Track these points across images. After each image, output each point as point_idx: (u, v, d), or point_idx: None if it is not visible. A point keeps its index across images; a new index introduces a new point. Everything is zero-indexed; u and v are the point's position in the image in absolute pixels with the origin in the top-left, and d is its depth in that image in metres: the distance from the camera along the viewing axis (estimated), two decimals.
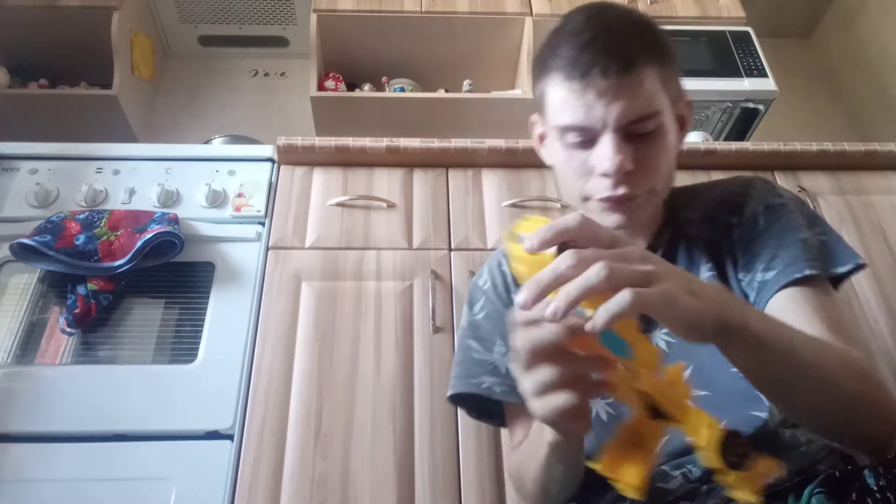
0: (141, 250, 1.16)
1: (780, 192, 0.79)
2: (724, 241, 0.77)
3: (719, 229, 0.78)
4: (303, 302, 1.20)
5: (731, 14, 2.01)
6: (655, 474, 0.71)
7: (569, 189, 0.75)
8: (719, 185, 0.84)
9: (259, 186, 1.33)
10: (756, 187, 0.80)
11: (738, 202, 0.79)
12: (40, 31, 1.99)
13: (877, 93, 2.25)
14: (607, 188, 0.70)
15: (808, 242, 0.73)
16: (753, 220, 0.76)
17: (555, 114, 0.72)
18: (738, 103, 1.80)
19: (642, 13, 0.74)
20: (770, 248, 0.73)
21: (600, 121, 0.68)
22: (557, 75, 0.70)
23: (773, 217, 0.76)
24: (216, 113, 2.25)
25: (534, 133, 0.82)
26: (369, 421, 1.09)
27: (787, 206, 0.77)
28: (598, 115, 0.68)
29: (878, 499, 0.49)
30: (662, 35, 0.73)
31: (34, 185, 1.28)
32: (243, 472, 1.03)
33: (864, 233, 1.34)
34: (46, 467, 1.02)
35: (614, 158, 0.67)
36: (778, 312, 0.70)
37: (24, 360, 1.13)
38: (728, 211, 0.79)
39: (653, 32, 0.72)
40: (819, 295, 0.70)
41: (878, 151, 1.43)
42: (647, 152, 0.70)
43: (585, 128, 0.69)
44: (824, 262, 0.72)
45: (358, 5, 1.96)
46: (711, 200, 0.81)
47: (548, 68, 0.72)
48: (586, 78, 0.67)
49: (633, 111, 0.67)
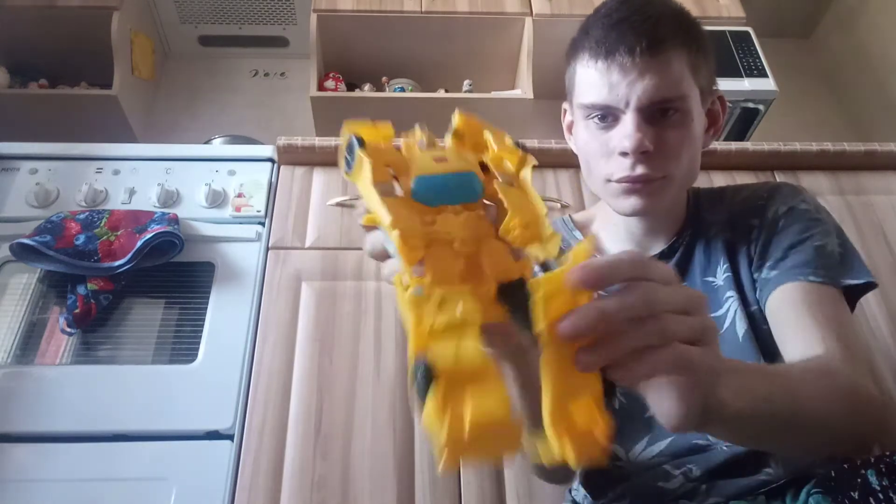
0: (141, 250, 1.16)
1: (805, 199, 0.78)
2: (743, 243, 0.77)
3: (740, 231, 0.77)
4: (303, 302, 1.20)
5: (731, 14, 2.01)
6: (656, 474, 0.71)
7: (591, 171, 0.75)
8: (746, 189, 0.83)
9: (259, 186, 1.33)
10: (782, 192, 0.79)
11: (761, 206, 0.78)
12: (40, 31, 1.99)
13: (877, 93, 2.25)
14: (625, 168, 0.69)
15: (823, 250, 0.72)
16: (774, 222, 0.75)
17: (580, 93, 0.72)
18: (738, 103, 1.80)
19: (677, 2, 0.73)
20: (783, 248, 0.73)
21: (623, 99, 0.68)
22: (585, 54, 0.70)
23: (792, 220, 0.75)
24: (216, 113, 2.25)
25: (564, 122, 0.83)
26: (369, 421, 1.09)
27: (811, 212, 0.76)
28: (622, 93, 0.68)
29: (882, 499, 0.49)
30: (697, 24, 0.73)
31: (34, 185, 1.28)
32: (243, 472, 1.03)
33: (864, 233, 1.34)
34: (46, 467, 1.02)
35: (633, 136, 0.67)
36: (773, 310, 0.70)
37: (24, 360, 1.13)
38: (751, 214, 0.78)
39: (687, 19, 0.71)
40: (820, 296, 0.69)
41: (878, 151, 1.43)
42: (669, 136, 0.69)
43: (609, 106, 0.69)
44: (834, 271, 0.71)
45: (358, 5, 1.96)
46: (736, 204, 0.80)
47: (578, 49, 0.72)
48: (612, 56, 0.67)
49: (656, 91, 0.67)
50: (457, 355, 0.33)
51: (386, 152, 0.38)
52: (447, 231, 0.36)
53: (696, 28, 0.72)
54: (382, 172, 0.37)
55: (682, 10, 0.72)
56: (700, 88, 0.72)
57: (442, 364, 0.32)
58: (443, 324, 0.33)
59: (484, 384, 0.33)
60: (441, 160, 0.38)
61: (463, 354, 0.33)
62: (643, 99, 0.67)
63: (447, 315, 0.33)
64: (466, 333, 0.33)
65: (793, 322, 0.67)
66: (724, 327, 0.73)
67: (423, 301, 0.34)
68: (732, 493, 0.66)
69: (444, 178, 0.37)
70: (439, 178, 0.37)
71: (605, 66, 0.68)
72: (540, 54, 1.95)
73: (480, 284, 0.35)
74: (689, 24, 0.71)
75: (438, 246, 0.35)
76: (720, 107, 0.78)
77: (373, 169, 0.36)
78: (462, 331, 0.33)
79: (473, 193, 0.38)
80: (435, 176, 0.37)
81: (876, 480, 0.51)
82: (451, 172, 0.38)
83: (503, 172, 0.40)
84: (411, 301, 0.34)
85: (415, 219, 0.35)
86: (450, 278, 0.35)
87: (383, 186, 0.36)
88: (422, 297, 0.34)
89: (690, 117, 0.70)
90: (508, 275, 0.36)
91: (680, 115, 0.69)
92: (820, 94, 2.45)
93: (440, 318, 0.33)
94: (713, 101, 0.76)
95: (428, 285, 0.34)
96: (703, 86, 0.72)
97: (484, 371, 0.33)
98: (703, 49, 0.71)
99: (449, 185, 0.38)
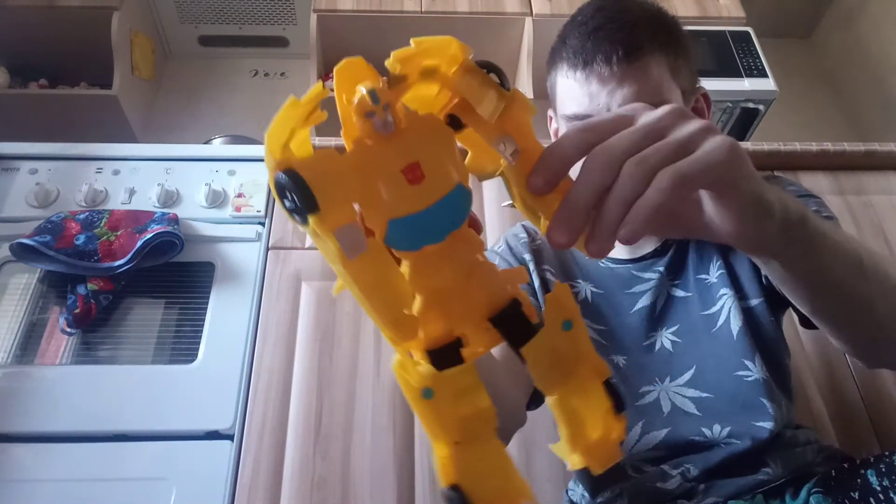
0: (141, 250, 1.16)
1: (792, 182, 0.79)
2: None
3: None
4: (303, 302, 1.20)
5: (731, 14, 2.01)
6: (654, 474, 0.71)
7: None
8: None
9: (259, 186, 1.33)
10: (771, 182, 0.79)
11: None
12: (40, 31, 1.99)
13: (877, 93, 2.25)
14: None
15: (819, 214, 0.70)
16: None
17: (562, 104, 0.72)
18: (738, 103, 1.80)
19: (655, 4, 0.73)
20: None
21: (604, 109, 0.67)
22: (564, 64, 0.70)
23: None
24: (216, 113, 2.25)
25: (550, 128, 0.82)
26: (369, 421, 1.09)
27: (801, 192, 0.76)
28: (602, 102, 0.67)
29: (882, 499, 0.49)
30: (674, 25, 0.72)
31: (34, 185, 1.28)
32: (243, 472, 1.03)
33: (864, 233, 1.33)
34: (46, 467, 1.02)
35: None
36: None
37: (24, 360, 1.13)
38: None
39: (663, 21, 0.71)
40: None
41: (878, 151, 1.43)
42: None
43: (590, 116, 0.69)
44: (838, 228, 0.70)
45: (358, 5, 1.96)
46: None
47: (557, 59, 0.72)
48: (590, 66, 0.67)
49: (637, 98, 0.66)
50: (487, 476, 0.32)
51: (340, 182, 0.28)
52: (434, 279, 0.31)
53: (674, 29, 0.72)
54: (345, 216, 0.29)
55: (658, 13, 0.71)
56: (682, 90, 0.71)
57: (480, 496, 0.31)
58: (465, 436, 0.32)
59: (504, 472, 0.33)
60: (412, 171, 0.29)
61: (491, 472, 0.32)
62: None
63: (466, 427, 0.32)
64: (488, 434, 0.33)
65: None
66: (718, 324, 0.73)
67: (435, 404, 0.32)
68: (731, 493, 0.66)
69: (424, 215, 0.29)
70: (417, 217, 0.29)
71: (584, 76, 0.68)
72: (540, 54, 1.95)
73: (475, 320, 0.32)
74: (667, 26, 0.71)
75: (428, 300, 0.31)
76: (705, 104, 0.78)
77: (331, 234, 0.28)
78: (484, 430, 0.32)
79: (461, 217, 0.31)
80: (411, 217, 0.29)
81: (876, 480, 0.51)
82: (433, 204, 0.29)
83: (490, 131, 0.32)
84: (425, 407, 0.32)
85: (397, 291, 0.30)
86: (447, 332, 0.32)
87: (347, 240, 0.29)
88: (433, 400, 0.31)
89: None
90: (500, 300, 0.32)
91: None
92: (820, 94, 2.45)
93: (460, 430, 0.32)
94: (697, 100, 0.76)
95: (433, 378, 0.31)
96: (684, 86, 0.72)
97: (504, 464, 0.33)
98: (681, 50, 0.71)
99: (431, 221, 0.29)
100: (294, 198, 0.27)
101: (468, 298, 0.32)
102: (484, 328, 0.32)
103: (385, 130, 0.28)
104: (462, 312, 0.32)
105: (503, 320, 0.32)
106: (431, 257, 0.30)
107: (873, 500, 0.49)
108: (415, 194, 0.29)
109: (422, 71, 0.30)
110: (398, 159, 0.29)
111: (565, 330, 0.33)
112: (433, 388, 0.31)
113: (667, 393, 0.72)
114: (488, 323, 0.32)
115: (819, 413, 1.11)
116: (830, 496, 0.57)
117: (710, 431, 0.69)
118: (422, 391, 0.31)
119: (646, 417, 0.72)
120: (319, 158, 0.28)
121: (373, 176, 0.29)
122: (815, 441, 0.73)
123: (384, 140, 0.29)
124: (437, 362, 0.31)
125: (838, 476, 0.58)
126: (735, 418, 0.69)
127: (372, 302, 0.30)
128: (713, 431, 0.69)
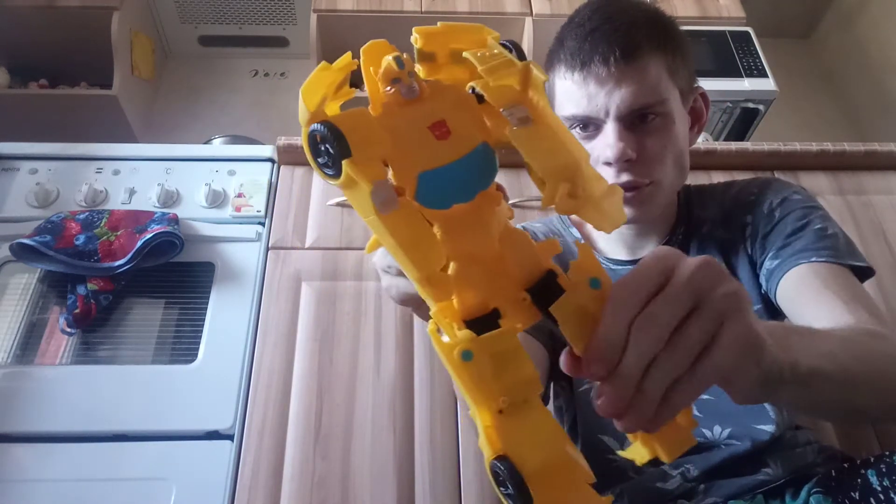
0: (141, 250, 1.16)
1: (797, 190, 0.78)
2: (738, 241, 0.77)
3: (734, 229, 0.77)
4: (303, 302, 1.20)
5: (731, 14, 2.01)
6: (654, 474, 0.71)
7: None
8: (736, 185, 0.83)
9: (259, 186, 1.33)
10: (773, 186, 0.79)
11: (753, 201, 0.78)
12: (40, 31, 1.99)
13: (877, 93, 2.25)
14: (611, 177, 0.69)
15: (824, 232, 0.71)
16: (770, 214, 0.75)
17: (560, 105, 0.72)
18: (738, 103, 1.80)
19: (651, 4, 0.73)
20: (783, 236, 0.72)
21: (602, 109, 0.67)
22: (562, 66, 0.70)
23: (788, 209, 0.74)
24: (216, 113, 2.25)
25: None
26: (369, 421, 1.09)
27: (804, 201, 0.76)
28: (601, 103, 0.67)
29: (882, 499, 0.49)
30: (671, 25, 0.72)
31: (34, 185, 1.28)
32: (243, 472, 1.03)
33: (864, 233, 1.33)
34: (46, 467, 1.02)
35: (616, 146, 0.67)
36: (786, 296, 0.68)
37: (24, 360, 1.13)
38: (743, 210, 0.78)
39: (660, 22, 0.71)
40: (833, 273, 0.66)
41: (878, 151, 1.43)
42: (652, 142, 0.69)
43: (589, 117, 0.69)
44: (838, 251, 0.69)
45: (358, 5, 1.96)
46: (727, 200, 0.80)
47: (555, 60, 0.72)
48: (587, 67, 0.67)
49: (635, 99, 0.66)
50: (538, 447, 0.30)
51: (372, 136, 0.29)
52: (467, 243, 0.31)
53: (671, 29, 0.72)
54: (375, 172, 0.29)
55: (655, 13, 0.72)
56: (679, 89, 0.71)
57: (531, 466, 0.29)
58: (508, 401, 0.30)
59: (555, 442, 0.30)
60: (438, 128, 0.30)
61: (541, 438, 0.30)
62: (622, 107, 0.67)
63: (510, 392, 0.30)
64: (534, 400, 0.31)
65: (813, 300, 0.65)
66: None
67: (474, 367, 0.30)
68: (731, 493, 0.66)
69: (453, 168, 0.30)
70: (446, 170, 0.30)
71: (582, 77, 0.68)
72: (540, 54, 1.93)
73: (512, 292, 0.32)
74: (664, 26, 0.71)
75: (462, 267, 0.31)
76: (703, 103, 0.78)
77: (367, 180, 0.29)
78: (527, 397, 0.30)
79: (489, 176, 0.32)
80: (440, 170, 0.30)
81: (876, 480, 0.51)
82: (460, 158, 0.30)
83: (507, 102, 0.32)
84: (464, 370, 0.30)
85: (431, 245, 0.30)
86: (484, 303, 0.31)
87: (380, 194, 0.29)
88: (472, 362, 0.30)
89: (671, 119, 0.70)
90: (535, 271, 0.32)
91: (661, 120, 0.69)
92: (820, 94, 2.46)
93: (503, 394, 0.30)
94: (695, 99, 0.76)
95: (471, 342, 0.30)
96: (682, 86, 0.72)
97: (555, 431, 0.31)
98: (679, 49, 0.71)
99: (460, 176, 0.31)
100: (328, 147, 0.29)
101: (502, 267, 0.32)
102: (521, 299, 0.32)
103: (410, 95, 0.31)
104: (497, 282, 0.32)
105: (540, 291, 0.32)
106: (462, 218, 0.31)
107: (873, 500, 0.49)
108: (442, 147, 0.30)
109: (451, 53, 0.32)
110: (425, 118, 0.31)
111: (593, 288, 0.32)
112: (473, 350, 0.30)
113: None
114: (524, 294, 0.32)
115: None
116: (830, 496, 0.57)
117: (711, 432, 0.69)
118: (461, 353, 0.30)
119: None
120: (352, 114, 0.30)
121: (402, 132, 0.30)
122: (816, 441, 0.73)
123: (410, 103, 0.31)
124: (476, 330, 0.30)
125: (838, 476, 0.58)
126: (736, 420, 0.69)
127: (408, 254, 0.29)
128: (713, 432, 0.69)
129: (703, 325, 0.31)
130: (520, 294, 0.32)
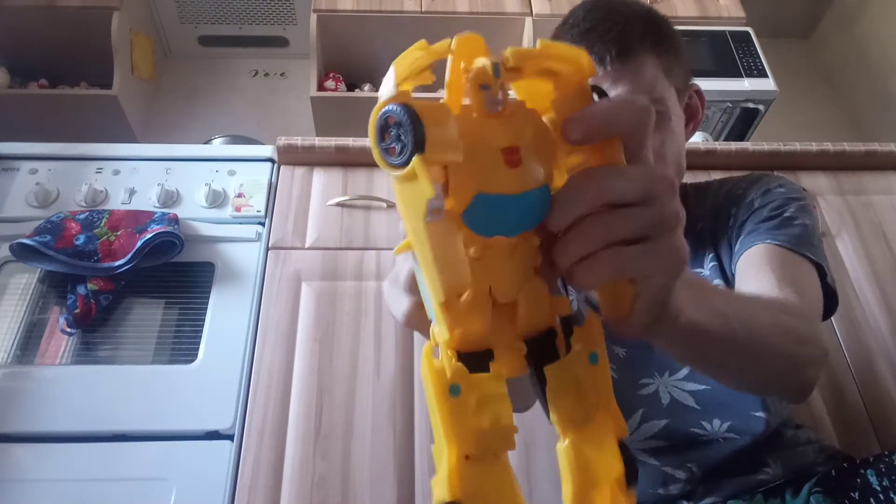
0: (141, 250, 1.16)
1: (784, 184, 0.79)
2: (723, 231, 0.78)
3: (721, 221, 0.78)
4: (303, 302, 1.20)
5: (731, 14, 2.01)
6: (657, 475, 0.71)
7: None
8: (729, 182, 0.84)
9: (259, 186, 1.33)
10: (761, 181, 0.80)
11: (740, 195, 0.79)
12: (40, 31, 1.99)
13: (877, 93, 2.25)
14: None
15: (791, 221, 0.71)
16: (750, 204, 0.76)
17: None
18: (738, 103, 1.80)
19: (644, 4, 0.73)
20: (755, 222, 0.73)
21: None
22: None
23: (768, 199, 0.75)
24: (216, 113, 2.25)
25: None
26: (369, 421, 1.09)
27: (788, 193, 0.76)
28: None
29: (882, 499, 0.49)
30: (665, 24, 0.72)
31: (34, 185, 1.28)
32: (243, 472, 1.03)
33: (864, 233, 1.33)
34: (46, 467, 1.02)
35: None
36: (738, 269, 0.70)
37: (24, 360, 1.13)
38: (731, 204, 0.79)
39: (654, 21, 0.71)
40: (783, 257, 0.67)
41: (878, 151, 1.43)
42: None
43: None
44: (796, 238, 0.69)
45: (358, 5, 1.96)
46: (720, 196, 0.81)
47: None
48: None
49: None
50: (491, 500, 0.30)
51: (451, 140, 0.27)
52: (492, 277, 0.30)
53: (666, 28, 0.72)
54: (437, 175, 0.28)
55: (649, 13, 0.72)
56: (675, 87, 0.72)
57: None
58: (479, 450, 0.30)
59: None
60: (511, 154, 0.28)
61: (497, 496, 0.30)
62: None
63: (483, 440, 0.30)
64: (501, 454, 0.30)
65: (753, 276, 0.66)
66: None
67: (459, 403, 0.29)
68: (731, 493, 0.67)
69: (513, 200, 0.29)
70: (506, 200, 0.29)
71: None
72: None
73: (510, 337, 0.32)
74: (658, 25, 0.71)
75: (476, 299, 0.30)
76: (698, 100, 0.78)
77: (431, 184, 0.26)
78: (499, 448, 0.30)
79: (540, 218, 0.30)
80: (500, 197, 0.28)
81: (876, 480, 0.51)
82: (522, 193, 0.29)
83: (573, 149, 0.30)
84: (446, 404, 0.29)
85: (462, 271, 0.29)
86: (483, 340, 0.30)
87: (436, 202, 0.27)
88: (458, 398, 0.29)
89: (668, 117, 0.70)
90: (540, 325, 0.32)
91: (658, 118, 0.69)
92: (820, 94, 2.46)
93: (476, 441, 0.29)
94: (690, 96, 0.77)
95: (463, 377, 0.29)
96: (677, 84, 0.72)
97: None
98: (674, 48, 0.71)
99: (516, 210, 0.29)
100: (400, 134, 0.27)
101: (512, 311, 0.31)
102: (517, 348, 0.32)
103: (493, 108, 0.29)
104: (501, 323, 0.31)
105: (538, 346, 0.32)
106: (498, 252, 0.30)
107: (873, 499, 0.49)
108: (509, 176, 0.28)
109: (542, 69, 0.30)
110: (501, 138, 0.29)
111: (591, 363, 0.32)
112: (462, 385, 0.29)
113: (666, 387, 0.72)
114: (521, 343, 0.32)
115: (819, 413, 1.11)
116: (830, 496, 0.57)
117: (710, 425, 0.70)
118: (450, 387, 0.29)
119: (645, 407, 0.72)
120: (437, 108, 0.27)
121: (475, 146, 0.28)
122: (816, 441, 0.73)
123: (490, 117, 0.29)
124: (466, 365, 0.30)
125: (838, 476, 0.58)
126: (733, 406, 0.69)
127: (440, 273, 0.28)
128: (713, 426, 0.69)
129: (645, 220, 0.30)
130: (518, 342, 0.32)
